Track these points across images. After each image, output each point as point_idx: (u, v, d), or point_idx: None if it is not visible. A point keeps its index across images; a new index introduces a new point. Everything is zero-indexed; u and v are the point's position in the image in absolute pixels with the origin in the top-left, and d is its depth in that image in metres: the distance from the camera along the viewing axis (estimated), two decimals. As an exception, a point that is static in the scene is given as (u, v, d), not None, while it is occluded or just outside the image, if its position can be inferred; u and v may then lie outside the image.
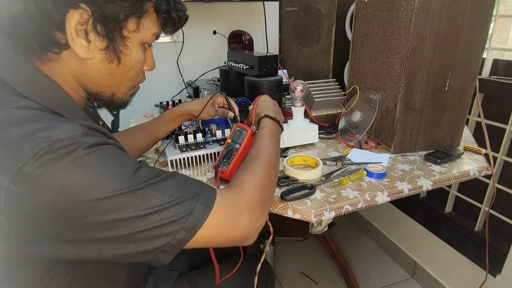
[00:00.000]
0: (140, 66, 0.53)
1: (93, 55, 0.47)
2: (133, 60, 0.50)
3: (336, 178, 0.73)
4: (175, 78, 1.54)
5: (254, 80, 0.96)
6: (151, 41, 0.52)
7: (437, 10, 0.73)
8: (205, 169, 0.80)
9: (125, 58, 0.49)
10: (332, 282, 1.46)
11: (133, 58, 0.50)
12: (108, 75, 0.49)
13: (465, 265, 1.21)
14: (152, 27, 0.50)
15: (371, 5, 0.87)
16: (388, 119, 0.86)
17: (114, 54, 0.48)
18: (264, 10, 1.57)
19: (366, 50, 0.91)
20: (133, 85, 0.55)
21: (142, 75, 0.56)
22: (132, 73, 0.52)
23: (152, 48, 0.57)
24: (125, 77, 0.52)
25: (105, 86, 0.51)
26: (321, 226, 0.65)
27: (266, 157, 0.57)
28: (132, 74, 0.52)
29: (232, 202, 0.47)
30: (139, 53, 0.51)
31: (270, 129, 0.66)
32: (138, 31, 0.49)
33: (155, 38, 0.52)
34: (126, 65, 0.50)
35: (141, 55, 0.52)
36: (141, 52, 0.52)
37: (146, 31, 0.50)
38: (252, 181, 0.51)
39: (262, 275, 0.80)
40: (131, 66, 0.51)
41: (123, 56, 0.49)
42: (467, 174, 0.77)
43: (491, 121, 1.13)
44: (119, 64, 0.49)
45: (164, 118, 0.85)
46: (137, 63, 0.51)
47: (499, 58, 1.12)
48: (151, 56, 0.57)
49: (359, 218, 1.80)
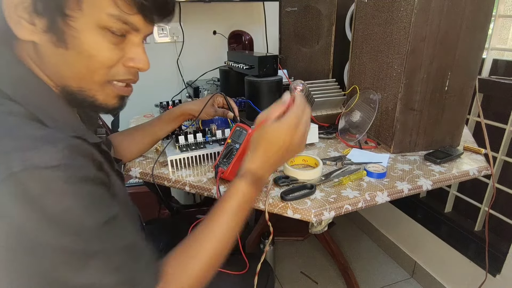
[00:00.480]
0: (104, 55, 0.44)
1: (39, 39, 0.42)
2: (86, 45, 0.43)
3: (336, 178, 0.73)
4: (175, 78, 1.54)
5: (254, 80, 0.96)
6: (116, 27, 0.43)
7: (437, 10, 0.73)
8: (205, 169, 0.80)
9: (73, 41, 0.42)
10: (332, 282, 1.46)
11: (86, 43, 0.43)
12: (63, 64, 0.44)
13: (465, 265, 1.22)
14: (105, 6, 0.42)
15: (371, 5, 0.87)
16: (388, 119, 0.86)
17: (57, 36, 0.42)
18: (264, 10, 1.57)
19: (366, 50, 0.92)
20: (102, 79, 0.47)
21: (123, 71, 0.48)
22: (94, 64, 0.44)
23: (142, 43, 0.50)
24: (86, 68, 0.44)
25: (67, 78, 0.45)
26: (321, 226, 0.65)
27: (216, 248, 0.49)
28: (95, 64, 0.44)
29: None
30: (96, 38, 0.43)
31: (239, 202, 0.52)
32: (80, 9, 0.41)
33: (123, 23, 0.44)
34: (80, 52, 0.43)
35: (102, 42, 0.44)
36: (100, 38, 0.43)
37: (97, 11, 0.42)
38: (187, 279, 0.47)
39: (262, 275, 0.80)
40: (88, 54, 0.43)
41: (69, 38, 0.42)
42: (466, 174, 0.77)
43: (490, 121, 1.13)
44: (67, 49, 0.42)
45: (164, 118, 0.85)
46: (94, 49, 0.43)
47: (499, 58, 1.12)
48: (138, 51, 0.48)
49: (359, 218, 1.80)
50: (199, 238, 0.50)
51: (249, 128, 0.71)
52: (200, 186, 0.73)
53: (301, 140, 0.54)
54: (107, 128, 0.99)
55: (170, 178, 0.77)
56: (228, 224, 0.51)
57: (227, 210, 0.51)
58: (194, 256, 0.48)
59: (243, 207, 0.52)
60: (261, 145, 0.54)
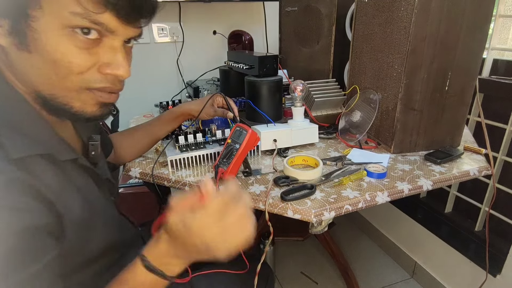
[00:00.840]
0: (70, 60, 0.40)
1: (5, 41, 0.39)
2: (49, 47, 0.39)
3: (336, 178, 0.73)
4: (175, 78, 1.54)
5: (254, 80, 0.96)
6: (83, 25, 0.39)
7: (437, 10, 0.73)
8: (205, 169, 0.80)
9: (35, 44, 0.39)
10: (332, 282, 1.46)
11: (49, 45, 0.39)
12: (30, 68, 0.41)
13: (465, 265, 1.21)
14: (68, 4, 0.38)
15: (371, 5, 0.87)
16: (388, 119, 0.86)
17: (19, 38, 0.39)
18: (264, 10, 1.57)
19: (366, 50, 0.91)
20: (74, 86, 0.42)
21: (97, 77, 0.43)
22: (62, 70, 0.40)
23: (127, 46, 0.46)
24: (55, 74, 0.41)
25: (37, 83, 0.42)
26: (321, 226, 0.65)
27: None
28: (62, 70, 0.40)
29: None
30: (60, 40, 0.39)
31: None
32: (41, 8, 0.37)
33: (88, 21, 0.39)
34: (43, 55, 0.39)
35: (67, 45, 0.39)
36: (65, 40, 0.39)
37: (59, 9, 0.38)
38: None
39: (262, 276, 0.80)
40: (52, 58, 0.39)
41: (30, 40, 0.39)
42: (467, 174, 0.77)
43: (491, 121, 1.13)
44: (30, 52, 0.39)
45: (164, 118, 0.85)
46: (59, 53, 0.39)
47: (499, 58, 1.12)
48: (116, 56, 0.43)
49: (359, 218, 1.80)
50: None
51: (249, 128, 0.71)
52: (200, 186, 0.73)
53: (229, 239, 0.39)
54: (107, 128, 0.98)
55: (170, 178, 0.77)
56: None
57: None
58: None
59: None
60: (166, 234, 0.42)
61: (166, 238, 0.42)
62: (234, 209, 0.40)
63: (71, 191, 0.46)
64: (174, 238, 0.41)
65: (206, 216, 0.38)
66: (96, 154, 0.57)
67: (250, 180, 0.74)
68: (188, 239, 0.39)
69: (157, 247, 0.43)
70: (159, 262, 0.42)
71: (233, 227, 0.39)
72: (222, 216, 0.39)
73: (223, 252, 0.39)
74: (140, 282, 0.42)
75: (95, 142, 0.56)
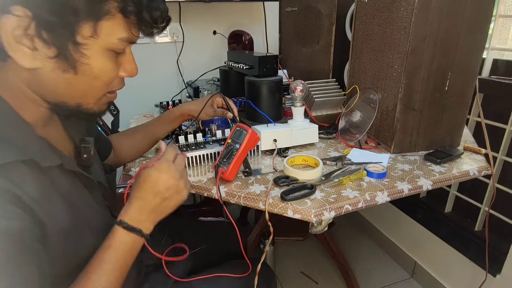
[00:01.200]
0: (108, 75, 0.46)
1: (43, 64, 0.41)
2: (95, 69, 0.44)
3: (336, 178, 0.73)
4: (175, 78, 1.54)
5: (254, 80, 0.96)
6: (120, 47, 0.45)
7: (437, 10, 0.73)
8: (205, 169, 0.80)
9: (83, 67, 0.42)
10: (332, 282, 1.46)
11: (95, 67, 0.43)
12: (66, 85, 0.43)
13: (465, 265, 1.21)
14: (118, 32, 0.43)
15: (371, 5, 0.87)
16: (388, 119, 0.86)
17: (67, 63, 0.41)
18: (264, 10, 1.57)
19: (366, 50, 0.91)
20: (102, 94, 0.48)
21: (118, 82, 0.49)
22: (98, 83, 0.45)
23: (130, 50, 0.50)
24: (90, 87, 0.45)
25: (66, 96, 0.45)
26: (321, 226, 0.65)
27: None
28: (98, 84, 0.45)
29: None
30: (104, 61, 0.44)
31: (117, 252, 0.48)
32: (96, 37, 0.41)
33: (127, 43, 0.45)
34: (87, 75, 0.43)
35: (107, 63, 0.45)
36: (106, 60, 0.44)
37: (110, 37, 0.42)
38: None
39: (264, 277, 0.80)
40: (94, 76, 0.44)
41: (80, 65, 0.42)
42: (467, 174, 0.77)
43: (491, 121, 1.13)
44: (76, 74, 0.43)
45: (163, 118, 0.85)
46: (102, 71, 0.44)
47: (499, 58, 1.12)
48: (130, 61, 0.49)
49: (359, 218, 1.80)
50: None
51: (249, 128, 0.71)
52: (200, 186, 0.73)
53: (177, 183, 0.52)
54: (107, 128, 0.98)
55: (170, 178, 0.77)
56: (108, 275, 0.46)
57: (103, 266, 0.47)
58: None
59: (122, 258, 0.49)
60: (136, 192, 0.51)
61: (134, 197, 0.51)
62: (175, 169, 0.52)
63: (55, 198, 0.45)
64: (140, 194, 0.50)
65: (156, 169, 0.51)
66: (89, 156, 0.56)
67: (250, 180, 0.74)
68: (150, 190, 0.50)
69: (129, 208, 0.50)
70: (134, 222, 0.50)
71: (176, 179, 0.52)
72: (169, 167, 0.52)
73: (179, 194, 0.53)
74: (122, 243, 0.48)
75: (87, 145, 0.56)
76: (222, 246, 0.89)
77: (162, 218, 0.53)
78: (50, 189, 0.44)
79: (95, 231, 0.52)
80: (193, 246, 0.83)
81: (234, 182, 0.73)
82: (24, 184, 0.40)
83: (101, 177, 0.61)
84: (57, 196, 0.45)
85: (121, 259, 0.48)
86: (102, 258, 0.47)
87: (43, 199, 0.42)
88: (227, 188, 0.70)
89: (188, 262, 0.78)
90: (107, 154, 0.75)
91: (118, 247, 0.48)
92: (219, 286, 0.73)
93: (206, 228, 0.93)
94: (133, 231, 0.49)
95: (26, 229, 0.39)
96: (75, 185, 0.50)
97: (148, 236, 0.51)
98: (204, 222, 0.96)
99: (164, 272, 0.68)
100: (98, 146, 0.66)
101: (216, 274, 0.73)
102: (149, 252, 0.53)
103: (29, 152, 0.42)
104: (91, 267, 0.46)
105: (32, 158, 0.42)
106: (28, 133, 0.44)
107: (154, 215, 0.52)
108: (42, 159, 0.43)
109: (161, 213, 0.53)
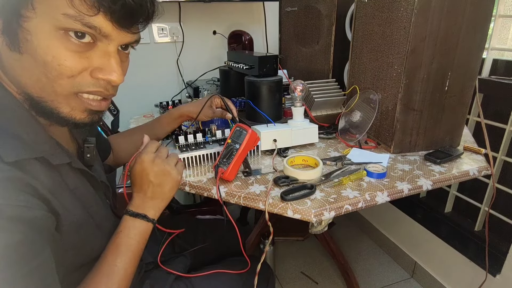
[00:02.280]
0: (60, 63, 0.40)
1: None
2: (40, 49, 0.39)
3: (336, 178, 0.73)
4: (175, 78, 1.54)
5: (254, 80, 0.96)
6: (75, 28, 0.39)
7: (437, 10, 0.73)
8: (205, 169, 0.80)
9: (26, 45, 0.39)
10: (332, 282, 1.46)
11: (40, 47, 0.39)
12: (20, 69, 0.41)
13: (465, 265, 1.21)
14: (62, 6, 0.38)
15: (371, 5, 0.87)
16: (388, 119, 0.86)
17: (10, 38, 0.39)
18: (264, 10, 1.57)
19: (366, 50, 0.91)
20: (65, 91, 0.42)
21: (88, 81, 0.43)
22: (52, 72, 0.40)
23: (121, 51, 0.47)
24: (45, 77, 0.40)
25: (27, 85, 0.42)
26: (321, 226, 0.65)
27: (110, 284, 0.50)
28: (52, 73, 0.40)
29: None
30: (50, 41, 0.39)
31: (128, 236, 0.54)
32: (34, 9, 0.38)
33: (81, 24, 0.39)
34: (35, 57, 0.39)
35: (55, 45, 0.39)
36: (54, 41, 0.39)
37: (51, 10, 0.38)
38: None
39: (263, 278, 0.80)
40: (43, 60, 0.39)
41: (22, 41, 0.39)
42: (467, 174, 0.77)
43: (490, 121, 1.13)
44: (21, 53, 0.39)
45: (162, 120, 0.85)
46: (50, 56, 0.39)
47: (499, 58, 1.12)
48: (110, 61, 0.43)
49: (359, 218, 1.80)
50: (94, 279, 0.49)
51: (249, 128, 0.71)
52: (200, 186, 0.73)
53: (163, 169, 0.57)
54: (107, 128, 0.98)
55: (170, 178, 0.77)
56: (123, 262, 0.52)
57: (119, 250, 0.53)
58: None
59: (134, 241, 0.54)
60: (133, 187, 0.59)
61: (134, 191, 0.58)
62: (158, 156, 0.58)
63: (66, 193, 0.46)
64: (135, 187, 0.58)
65: (138, 163, 0.57)
66: (91, 156, 0.57)
67: (250, 180, 0.74)
68: (141, 181, 0.57)
69: (133, 200, 0.58)
70: (139, 209, 0.57)
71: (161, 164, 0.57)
72: (149, 157, 0.57)
73: (170, 176, 0.58)
74: (130, 228, 0.55)
75: (90, 145, 0.57)
76: (221, 244, 0.90)
77: (166, 203, 0.60)
78: (61, 184, 0.46)
79: (101, 227, 0.53)
80: (192, 245, 0.84)
81: (234, 182, 0.73)
82: (39, 177, 0.41)
83: (102, 176, 0.61)
84: (67, 191, 0.46)
85: (134, 244, 0.54)
86: (116, 242, 0.53)
87: (56, 192, 0.43)
88: (227, 188, 0.71)
89: (187, 260, 0.79)
90: (106, 155, 0.75)
91: (128, 232, 0.54)
92: (218, 282, 0.73)
93: (204, 226, 0.93)
94: (138, 217, 0.56)
95: (46, 218, 0.40)
96: (82, 183, 0.51)
97: (156, 221, 0.58)
98: (202, 221, 0.96)
99: (165, 269, 0.69)
100: (98, 147, 0.67)
101: (216, 270, 0.73)
102: (149, 250, 0.54)
103: (40, 150, 0.43)
104: (107, 251, 0.52)
105: (43, 156, 0.42)
106: (39, 132, 0.44)
107: (156, 201, 0.58)
108: (52, 157, 0.44)
109: (161, 199, 0.59)
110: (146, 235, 0.57)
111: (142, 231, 0.56)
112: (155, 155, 0.58)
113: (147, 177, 0.57)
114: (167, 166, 0.58)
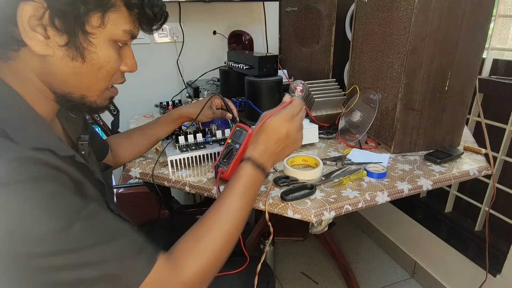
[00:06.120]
0: (112, 66, 0.48)
1: (53, 52, 0.43)
2: (101, 58, 0.47)
3: (336, 178, 0.73)
4: (175, 78, 1.54)
5: (254, 80, 0.96)
6: (124, 39, 0.48)
7: (437, 10, 0.73)
8: (205, 169, 0.80)
9: (90, 56, 0.46)
10: (332, 282, 1.46)
11: (101, 56, 0.46)
12: (74, 75, 0.46)
13: (465, 265, 1.21)
14: (123, 24, 0.46)
15: (371, 5, 0.87)
16: (388, 119, 0.86)
17: (77, 51, 0.44)
18: (264, 10, 1.57)
19: (366, 50, 0.91)
20: (106, 86, 0.50)
21: (119, 76, 0.52)
22: (103, 73, 0.48)
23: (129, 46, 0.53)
24: (95, 77, 0.48)
25: (72, 86, 0.47)
26: (321, 226, 0.65)
27: (226, 229, 0.51)
28: (103, 74, 0.48)
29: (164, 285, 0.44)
30: (109, 51, 0.47)
31: (245, 183, 0.56)
32: (103, 27, 0.45)
33: (129, 36, 0.49)
34: (94, 64, 0.46)
35: (112, 53, 0.48)
36: (111, 50, 0.47)
37: (115, 28, 0.46)
38: (198, 262, 0.47)
39: (263, 278, 0.80)
40: (100, 65, 0.47)
41: (88, 53, 0.45)
42: (467, 174, 0.77)
43: (491, 121, 1.13)
44: (84, 62, 0.45)
45: (162, 121, 0.85)
46: (106, 61, 0.47)
47: (499, 58, 1.12)
48: (131, 56, 0.53)
49: (359, 218, 1.80)
50: (208, 220, 0.51)
51: (249, 128, 0.71)
52: (200, 186, 0.73)
53: (296, 133, 0.60)
54: (107, 129, 0.98)
55: (170, 178, 0.77)
56: (236, 205, 0.53)
57: (233, 192, 0.54)
58: (203, 237, 0.49)
59: (249, 189, 0.56)
60: (261, 136, 0.59)
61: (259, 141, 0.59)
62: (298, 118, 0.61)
63: None
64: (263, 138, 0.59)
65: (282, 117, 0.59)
66: (86, 153, 0.57)
67: (250, 180, 0.74)
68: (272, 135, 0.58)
69: (255, 150, 0.58)
70: (260, 161, 0.57)
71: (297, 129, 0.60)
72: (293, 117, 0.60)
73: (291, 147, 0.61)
74: (250, 176, 0.56)
75: (84, 142, 0.58)
76: None
77: (278, 162, 0.63)
78: None
79: None
80: None
81: (234, 182, 0.73)
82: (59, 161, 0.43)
83: (97, 173, 0.61)
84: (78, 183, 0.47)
85: (248, 191, 0.55)
86: (233, 186, 0.55)
87: None
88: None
89: None
90: (103, 155, 0.75)
91: (247, 180, 0.56)
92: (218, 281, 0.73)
93: None
94: (259, 168, 0.57)
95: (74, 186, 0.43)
96: (84, 177, 0.51)
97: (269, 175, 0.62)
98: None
99: None
100: (94, 147, 0.67)
101: None
102: None
103: (48, 142, 0.44)
104: (224, 193, 0.54)
105: (49, 147, 0.43)
106: (43, 126, 0.46)
107: (274, 158, 0.60)
108: (59, 149, 0.45)
109: (278, 158, 0.61)
110: (258, 187, 0.58)
111: (257, 181, 0.57)
112: (299, 117, 0.61)
113: (280, 134, 0.59)
114: (300, 134, 0.61)
